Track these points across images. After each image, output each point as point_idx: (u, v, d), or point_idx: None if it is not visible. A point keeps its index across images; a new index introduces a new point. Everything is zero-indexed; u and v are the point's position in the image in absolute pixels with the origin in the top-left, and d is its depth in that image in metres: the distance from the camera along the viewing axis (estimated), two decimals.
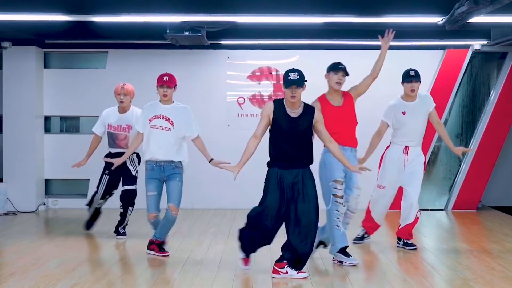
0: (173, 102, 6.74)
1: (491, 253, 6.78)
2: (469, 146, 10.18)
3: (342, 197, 6.13)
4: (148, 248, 6.69)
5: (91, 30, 8.74)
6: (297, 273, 5.66)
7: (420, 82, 7.02)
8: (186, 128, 6.64)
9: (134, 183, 7.60)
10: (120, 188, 7.70)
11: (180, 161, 6.67)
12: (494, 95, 10.10)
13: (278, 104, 5.81)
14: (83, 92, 10.22)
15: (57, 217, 9.52)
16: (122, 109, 7.64)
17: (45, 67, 10.24)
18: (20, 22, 7.67)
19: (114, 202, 9.80)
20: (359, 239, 7.30)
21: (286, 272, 5.65)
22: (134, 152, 7.57)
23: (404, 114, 7.00)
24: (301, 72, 5.76)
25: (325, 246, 6.51)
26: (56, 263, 6.21)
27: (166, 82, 6.58)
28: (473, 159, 10.08)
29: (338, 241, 6.18)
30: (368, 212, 7.28)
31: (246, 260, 5.89)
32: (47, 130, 10.37)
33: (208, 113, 10.24)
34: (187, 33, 7.93)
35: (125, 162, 7.48)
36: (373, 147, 7.05)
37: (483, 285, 5.42)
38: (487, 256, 6.62)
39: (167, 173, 6.60)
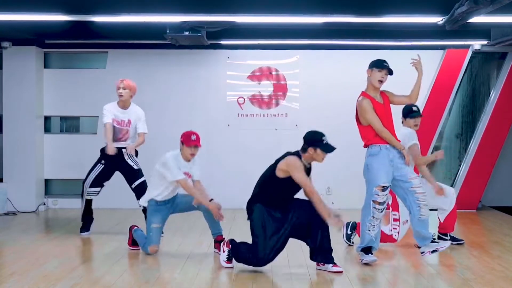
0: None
1: (491, 253, 6.78)
2: (469, 146, 10.19)
3: (382, 203, 6.11)
4: (215, 248, 6.74)
5: (91, 30, 8.74)
6: (332, 266, 5.91)
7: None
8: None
9: (141, 175, 7.63)
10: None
11: None
12: (494, 95, 10.10)
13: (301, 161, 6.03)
14: (83, 92, 10.22)
15: (57, 217, 9.52)
16: (122, 104, 7.66)
17: (45, 67, 10.24)
18: (20, 22, 7.67)
19: (115, 202, 9.82)
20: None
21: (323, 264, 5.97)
22: None
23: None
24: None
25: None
26: (56, 263, 6.21)
27: (196, 142, 6.66)
28: (473, 159, 10.08)
29: (365, 243, 6.23)
30: None
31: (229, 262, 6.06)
32: (47, 130, 10.37)
33: (208, 113, 10.24)
34: (187, 33, 7.93)
35: (123, 158, 7.57)
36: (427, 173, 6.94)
37: (483, 285, 5.42)
38: (487, 256, 6.62)
39: (171, 203, 6.85)
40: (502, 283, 5.49)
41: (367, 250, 6.24)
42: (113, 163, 7.60)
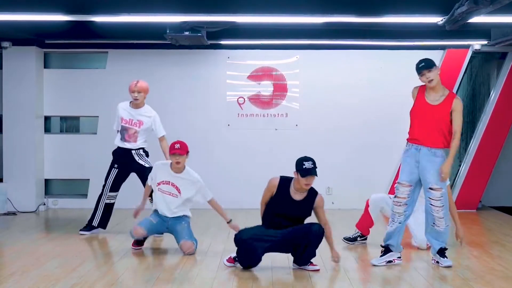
0: (185, 168, 6.79)
1: (491, 253, 6.78)
2: (469, 146, 10.19)
3: (401, 200, 6.09)
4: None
5: (91, 30, 8.73)
6: (309, 265, 5.99)
7: None
8: (195, 198, 6.87)
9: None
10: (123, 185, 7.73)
11: (187, 215, 6.92)
12: (494, 95, 10.09)
13: (284, 184, 5.95)
14: (83, 92, 10.22)
15: (57, 217, 9.52)
16: (136, 105, 7.71)
17: (45, 67, 10.24)
18: (20, 22, 7.67)
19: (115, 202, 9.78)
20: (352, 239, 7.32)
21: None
22: (141, 148, 7.71)
23: None
24: (314, 161, 5.88)
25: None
26: (56, 263, 6.20)
27: (178, 150, 6.62)
28: (473, 159, 10.08)
29: (385, 238, 6.26)
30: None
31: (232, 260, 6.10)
32: (47, 130, 10.37)
33: (208, 113, 10.24)
34: (187, 33, 7.93)
35: (133, 158, 7.65)
36: None
37: (483, 285, 5.42)
38: (487, 256, 6.62)
39: (171, 222, 6.84)
40: (502, 283, 5.49)
41: (386, 249, 6.23)
42: (126, 165, 7.65)
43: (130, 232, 6.82)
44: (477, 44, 9.69)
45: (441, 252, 6.21)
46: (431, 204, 6.09)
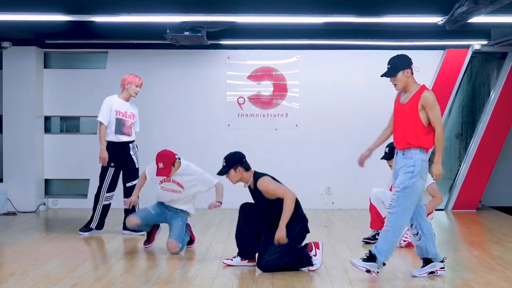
0: (181, 165, 6.79)
1: (491, 253, 6.78)
2: (469, 146, 10.19)
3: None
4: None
5: (91, 30, 8.74)
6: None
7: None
8: (198, 188, 6.86)
9: (137, 176, 7.62)
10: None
11: (186, 211, 6.95)
12: (494, 95, 10.10)
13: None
14: (83, 92, 10.22)
15: (57, 217, 9.52)
16: (126, 99, 7.69)
17: (45, 67, 10.24)
18: (20, 22, 7.67)
19: (115, 202, 9.81)
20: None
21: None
22: (134, 140, 7.79)
23: None
24: (226, 158, 6.10)
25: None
26: (56, 263, 6.20)
27: (162, 171, 6.58)
28: (473, 159, 10.08)
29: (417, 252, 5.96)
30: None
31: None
32: (47, 130, 10.37)
33: (208, 113, 10.24)
34: (187, 33, 7.93)
35: (128, 150, 7.66)
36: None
37: (483, 285, 5.42)
38: (487, 256, 6.62)
39: (170, 214, 6.89)
40: (502, 283, 5.49)
41: (426, 261, 5.88)
42: (120, 161, 7.64)
43: (128, 225, 6.93)
44: (477, 44, 9.70)
45: (370, 254, 5.69)
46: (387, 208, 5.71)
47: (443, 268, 5.80)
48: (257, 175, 6.06)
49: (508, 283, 5.50)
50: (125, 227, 7.54)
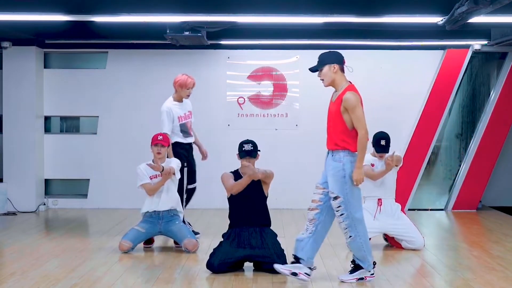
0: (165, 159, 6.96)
1: (491, 253, 6.78)
2: (469, 146, 10.19)
3: (313, 202, 5.56)
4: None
5: (91, 30, 8.74)
6: None
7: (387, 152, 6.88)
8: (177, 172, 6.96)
9: (195, 179, 7.65)
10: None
11: (177, 209, 6.98)
12: (494, 95, 10.10)
13: (235, 173, 6.21)
14: (83, 92, 10.22)
15: (57, 217, 9.52)
16: (180, 99, 7.52)
17: (45, 67, 10.24)
18: (20, 22, 7.67)
19: (115, 202, 9.83)
20: None
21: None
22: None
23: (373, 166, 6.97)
24: (255, 143, 6.10)
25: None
26: (56, 263, 6.21)
27: (161, 141, 6.85)
28: (473, 159, 10.08)
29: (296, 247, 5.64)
30: None
31: None
32: (47, 130, 10.37)
33: (208, 113, 10.23)
34: (187, 33, 7.93)
35: (192, 153, 7.63)
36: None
37: (483, 285, 5.42)
38: (487, 256, 6.62)
39: (163, 224, 6.89)
40: (502, 283, 5.49)
41: (296, 260, 5.61)
42: (187, 160, 7.52)
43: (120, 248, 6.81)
44: (477, 44, 9.70)
45: (354, 265, 5.59)
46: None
47: (308, 274, 5.52)
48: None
49: (508, 283, 5.50)
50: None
